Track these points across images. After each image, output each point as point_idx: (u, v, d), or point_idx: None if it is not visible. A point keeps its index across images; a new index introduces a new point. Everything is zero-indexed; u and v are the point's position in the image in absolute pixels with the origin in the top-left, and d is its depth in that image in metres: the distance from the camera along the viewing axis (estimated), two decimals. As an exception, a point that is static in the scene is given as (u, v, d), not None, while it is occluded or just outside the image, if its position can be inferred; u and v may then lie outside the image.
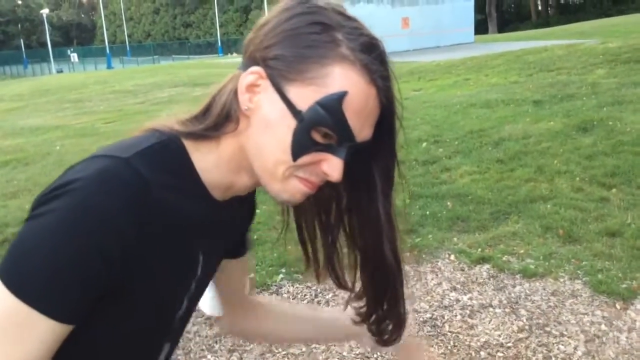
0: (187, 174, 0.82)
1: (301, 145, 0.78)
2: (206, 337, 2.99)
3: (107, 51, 47.02)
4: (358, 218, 0.95)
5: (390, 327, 1.03)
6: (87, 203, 0.69)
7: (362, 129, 0.79)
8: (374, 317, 1.03)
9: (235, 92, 0.81)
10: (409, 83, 11.13)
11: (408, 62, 14.91)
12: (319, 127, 0.77)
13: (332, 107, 0.76)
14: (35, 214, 0.71)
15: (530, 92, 8.39)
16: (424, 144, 6.17)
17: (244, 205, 1.00)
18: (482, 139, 6.17)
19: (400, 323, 1.03)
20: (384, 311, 1.02)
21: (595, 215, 4.06)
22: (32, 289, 0.68)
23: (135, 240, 0.73)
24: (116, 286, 0.74)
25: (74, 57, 50.52)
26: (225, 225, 0.94)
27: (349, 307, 1.05)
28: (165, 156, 0.79)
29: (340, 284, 1.02)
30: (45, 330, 0.69)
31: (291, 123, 0.77)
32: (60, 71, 42.39)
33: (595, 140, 5.64)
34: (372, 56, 0.77)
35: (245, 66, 0.81)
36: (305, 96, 0.76)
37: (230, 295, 1.16)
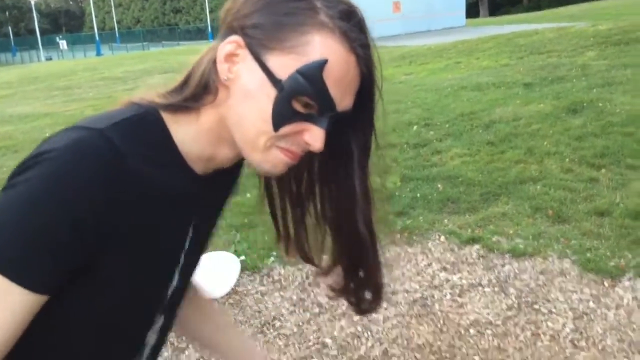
0: (164, 146, 0.81)
1: (282, 115, 0.77)
2: (197, 319, 3.00)
3: (96, 38, 46.59)
4: (332, 189, 0.95)
5: (368, 296, 1.03)
6: (59, 172, 0.69)
7: (342, 98, 0.79)
8: (350, 288, 1.03)
9: (214, 63, 0.80)
10: (401, 67, 11.10)
11: (399, 46, 14.87)
12: (300, 97, 0.76)
13: (313, 75, 0.75)
14: (10, 184, 0.71)
15: (520, 75, 8.40)
16: (415, 127, 6.17)
17: (229, 178, 0.99)
18: (472, 122, 6.18)
19: (378, 292, 1.03)
20: (360, 282, 1.02)
21: (585, 195, 4.09)
22: (4, 258, 0.68)
23: (108, 210, 0.72)
24: (90, 258, 0.74)
25: (63, 44, 50.05)
26: (212, 198, 0.95)
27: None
28: (141, 128, 0.79)
29: (307, 259, 1.02)
30: (17, 300, 0.69)
31: (271, 92, 0.76)
32: (49, 59, 41.98)
33: (585, 121, 5.67)
34: (351, 24, 0.77)
35: (224, 36, 0.80)
36: (285, 65, 0.76)
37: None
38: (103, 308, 0.82)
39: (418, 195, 4.42)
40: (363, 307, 1.06)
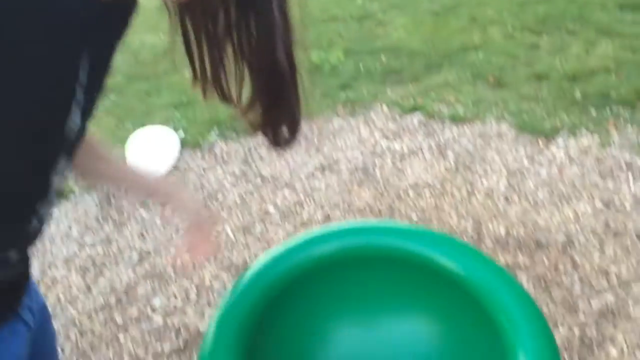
0: None
1: None
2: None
3: None
4: (249, 19, 0.89)
5: (285, 130, 1.01)
6: None
7: None
8: (268, 123, 1.01)
9: None
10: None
11: None
12: None
13: None
14: None
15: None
16: (359, 0, 5.98)
17: (125, 10, 0.92)
18: (417, -7, 6.02)
19: (294, 126, 1.02)
20: (278, 116, 1.00)
21: (525, 60, 4.10)
22: None
23: None
24: None
25: None
26: (108, 28, 0.88)
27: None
28: None
29: (226, 98, 0.99)
30: None
31: None
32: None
33: (529, -12, 5.58)
34: None
35: None
36: None
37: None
38: None
39: (361, 68, 4.35)
40: (279, 142, 1.05)
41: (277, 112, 1.00)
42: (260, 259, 1.10)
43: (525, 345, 0.93)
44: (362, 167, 3.11)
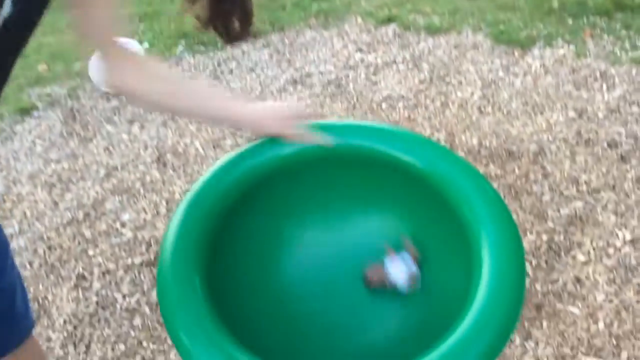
0: None
1: None
2: (104, 110, 2.89)
3: None
4: None
5: (236, 23, 0.97)
6: None
7: None
8: (218, 16, 0.97)
9: None
10: None
11: None
12: None
13: None
14: None
15: None
16: None
17: None
18: None
19: (246, 19, 0.97)
20: (228, 8, 0.95)
21: (503, -31, 3.97)
22: None
23: None
24: None
25: None
26: None
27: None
28: None
29: None
30: None
31: None
32: None
33: None
34: None
35: None
36: None
37: (95, 38, 1.00)
38: None
39: (335, -22, 4.19)
40: (232, 36, 1.01)
41: (227, 4, 0.96)
42: (218, 162, 1.06)
43: (489, 239, 0.91)
44: (335, 80, 3.04)
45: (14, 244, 2.20)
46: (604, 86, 2.76)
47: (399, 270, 1.09)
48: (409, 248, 1.11)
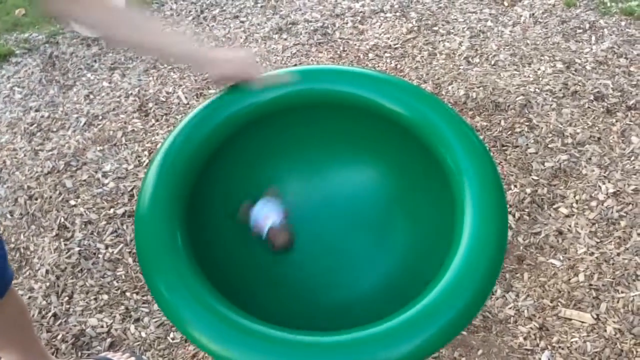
0: None
1: None
2: (84, 57, 2.82)
3: None
4: None
5: None
6: None
7: None
8: None
9: None
10: None
11: None
12: None
13: None
14: None
15: None
16: None
17: None
18: None
19: None
20: None
21: None
22: None
23: None
24: None
25: None
26: None
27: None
28: None
29: None
30: None
31: None
32: None
33: None
34: None
35: None
36: None
37: None
38: None
39: None
40: None
41: None
42: (197, 107, 1.03)
43: (473, 190, 0.91)
44: (320, 28, 2.98)
45: (-7, 194, 2.17)
46: (593, 38, 2.73)
47: (261, 214, 1.09)
48: (272, 195, 1.11)
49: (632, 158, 2.14)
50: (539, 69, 2.56)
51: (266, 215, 1.09)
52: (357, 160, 1.13)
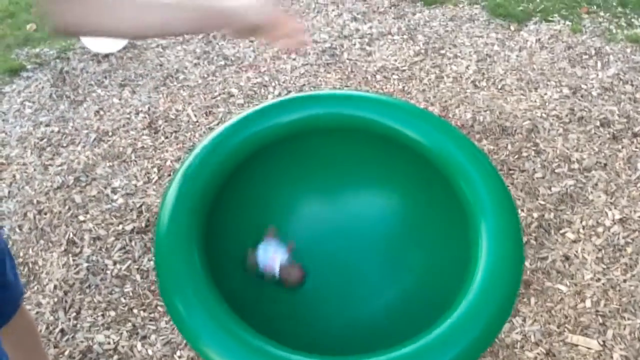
0: None
1: None
2: (94, 73, 2.84)
3: None
4: None
5: None
6: None
7: None
8: None
9: None
10: None
11: None
12: None
13: None
14: None
15: None
16: None
17: None
18: None
19: None
20: None
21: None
22: None
23: None
24: None
25: None
26: None
27: None
28: None
29: None
30: None
31: None
32: None
33: None
34: None
35: None
36: None
37: None
38: None
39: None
40: None
41: None
42: (216, 130, 1.04)
43: (487, 218, 0.92)
44: (329, 49, 3.01)
45: (3, 208, 2.18)
46: (599, 64, 2.76)
47: (267, 256, 1.10)
48: (272, 235, 1.11)
49: (639, 184, 2.15)
50: (545, 94, 2.58)
51: (272, 256, 1.10)
52: (371, 186, 1.15)
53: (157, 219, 0.95)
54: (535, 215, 2.06)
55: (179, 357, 1.72)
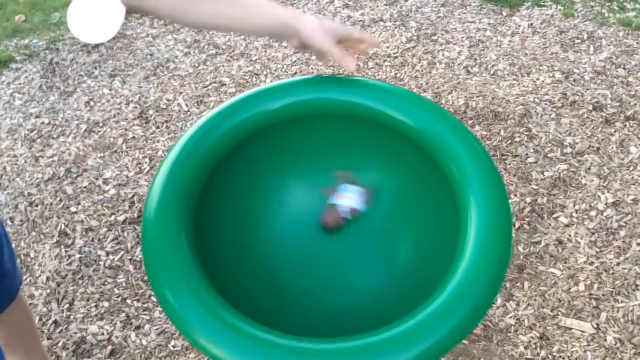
0: None
1: None
2: (84, 63, 2.82)
3: None
4: None
5: None
6: None
7: None
8: None
9: None
10: None
11: None
12: None
13: None
14: None
15: None
16: None
17: None
18: None
19: None
20: None
21: None
22: None
23: None
24: None
25: None
26: None
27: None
28: None
29: None
30: None
31: None
32: None
33: None
34: None
35: None
36: None
37: None
38: None
39: None
40: None
41: None
42: (202, 117, 1.03)
43: (478, 203, 0.91)
44: (320, 36, 2.99)
45: (-7, 200, 2.17)
46: (591, 48, 2.75)
47: (345, 197, 1.10)
48: (344, 178, 1.11)
49: (631, 168, 2.16)
50: (537, 79, 2.57)
51: (356, 197, 1.10)
52: (361, 170, 1.14)
53: (145, 206, 0.94)
54: (528, 200, 2.06)
55: (173, 346, 1.72)
